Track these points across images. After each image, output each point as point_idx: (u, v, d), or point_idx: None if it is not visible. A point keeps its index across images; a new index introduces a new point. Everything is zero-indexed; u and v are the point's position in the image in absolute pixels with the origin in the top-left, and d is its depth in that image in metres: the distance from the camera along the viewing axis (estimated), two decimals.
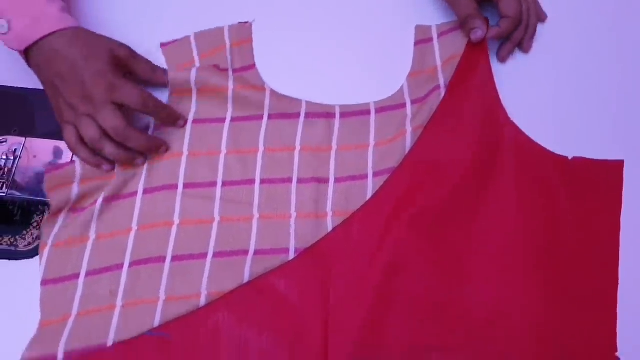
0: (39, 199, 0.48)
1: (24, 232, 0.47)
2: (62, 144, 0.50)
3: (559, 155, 0.47)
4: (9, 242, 0.47)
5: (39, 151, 0.51)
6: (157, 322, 0.42)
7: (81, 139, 0.46)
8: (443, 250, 0.44)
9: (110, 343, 0.41)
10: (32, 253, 0.46)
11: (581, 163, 0.47)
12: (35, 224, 0.48)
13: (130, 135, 0.46)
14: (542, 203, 0.45)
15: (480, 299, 0.42)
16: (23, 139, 0.51)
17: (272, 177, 0.47)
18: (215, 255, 0.44)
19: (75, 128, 0.46)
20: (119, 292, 0.43)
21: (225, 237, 0.45)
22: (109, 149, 0.46)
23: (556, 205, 0.45)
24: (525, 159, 0.47)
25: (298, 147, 0.48)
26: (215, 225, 0.45)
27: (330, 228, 0.45)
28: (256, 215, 0.46)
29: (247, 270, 0.43)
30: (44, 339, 0.42)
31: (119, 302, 0.43)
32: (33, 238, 0.47)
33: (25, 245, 0.47)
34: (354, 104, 0.51)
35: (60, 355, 0.41)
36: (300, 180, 0.47)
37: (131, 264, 0.44)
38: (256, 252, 0.44)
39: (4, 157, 0.49)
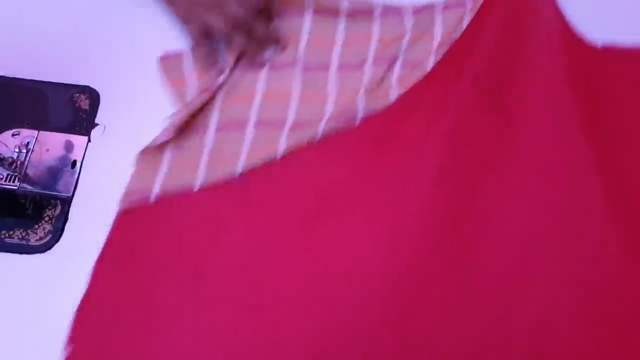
0: (51, 192, 0.47)
1: (36, 227, 0.46)
2: (73, 138, 0.49)
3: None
4: (20, 236, 0.46)
5: (51, 144, 0.50)
6: (238, 171, 0.46)
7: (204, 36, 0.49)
8: None
9: (196, 188, 0.45)
10: (44, 247, 0.45)
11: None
12: (47, 218, 0.47)
13: (256, 25, 0.49)
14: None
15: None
16: (36, 132, 0.50)
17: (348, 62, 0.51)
18: (293, 124, 0.48)
19: (201, 24, 0.49)
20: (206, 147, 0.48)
21: (304, 110, 0.49)
22: (238, 38, 0.49)
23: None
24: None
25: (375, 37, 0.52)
26: (295, 98, 0.50)
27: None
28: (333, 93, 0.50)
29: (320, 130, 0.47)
30: (141, 178, 0.46)
31: (205, 157, 0.47)
32: (45, 232, 0.46)
33: (37, 240, 0.46)
34: None
35: (156, 190, 0.45)
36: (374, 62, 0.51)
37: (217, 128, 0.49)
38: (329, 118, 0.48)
39: (17, 150, 0.48)
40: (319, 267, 0.41)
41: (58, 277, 0.44)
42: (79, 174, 0.48)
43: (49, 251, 0.45)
